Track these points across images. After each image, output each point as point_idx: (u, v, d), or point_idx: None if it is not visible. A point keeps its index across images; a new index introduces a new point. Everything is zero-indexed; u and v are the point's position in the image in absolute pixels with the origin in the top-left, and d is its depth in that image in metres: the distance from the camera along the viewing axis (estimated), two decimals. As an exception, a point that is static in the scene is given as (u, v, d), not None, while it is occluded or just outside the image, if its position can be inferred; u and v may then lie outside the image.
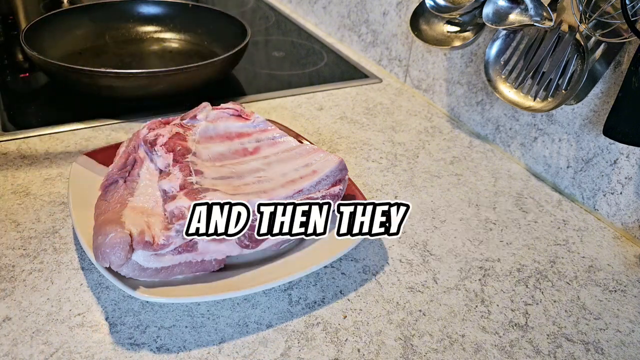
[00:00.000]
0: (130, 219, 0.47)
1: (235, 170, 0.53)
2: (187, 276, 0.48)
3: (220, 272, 0.49)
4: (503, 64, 0.70)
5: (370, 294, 0.52)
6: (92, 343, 0.45)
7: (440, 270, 0.56)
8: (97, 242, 0.45)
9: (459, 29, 0.75)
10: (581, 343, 0.49)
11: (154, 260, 0.46)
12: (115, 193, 0.52)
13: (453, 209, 0.65)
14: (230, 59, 0.81)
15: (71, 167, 0.58)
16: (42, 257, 0.53)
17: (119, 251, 0.44)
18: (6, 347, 0.44)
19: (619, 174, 0.62)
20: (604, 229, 0.64)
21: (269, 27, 1.16)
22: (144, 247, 0.45)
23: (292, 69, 0.96)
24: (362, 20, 1.01)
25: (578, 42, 0.61)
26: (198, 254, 0.48)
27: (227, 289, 0.47)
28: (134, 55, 0.92)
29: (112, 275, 0.46)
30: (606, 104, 0.62)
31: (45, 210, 0.58)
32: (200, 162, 0.53)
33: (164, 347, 0.45)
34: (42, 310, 0.47)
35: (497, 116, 0.77)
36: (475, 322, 0.50)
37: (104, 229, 0.45)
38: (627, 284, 0.56)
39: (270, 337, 0.47)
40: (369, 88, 0.92)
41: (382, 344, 0.47)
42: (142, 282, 0.46)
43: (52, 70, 0.75)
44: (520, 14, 0.65)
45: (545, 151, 0.71)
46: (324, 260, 0.50)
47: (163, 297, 0.45)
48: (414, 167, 0.72)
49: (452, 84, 0.84)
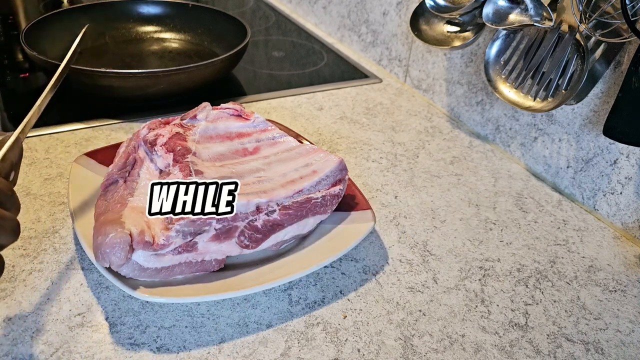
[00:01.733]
0: (130, 219, 0.47)
1: (235, 170, 0.53)
2: (187, 276, 0.48)
3: (220, 272, 0.49)
4: (503, 64, 0.70)
5: (370, 294, 0.52)
6: (92, 343, 0.45)
7: (440, 270, 0.56)
8: (97, 242, 0.45)
9: (459, 29, 0.75)
10: (581, 343, 0.49)
11: (154, 260, 0.46)
12: (115, 193, 0.52)
13: (453, 209, 0.65)
14: (230, 59, 0.81)
15: (71, 167, 0.58)
16: (42, 257, 0.53)
17: (119, 251, 0.44)
18: (6, 347, 0.44)
19: (619, 174, 0.62)
20: (604, 229, 0.64)
21: (269, 27, 1.16)
22: (144, 247, 0.45)
23: (292, 69, 0.96)
24: (362, 20, 1.01)
25: (578, 42, 0.61)
26: (198, 254, 0.48)
27: (227, 289, 0.47)
28: (134, 55, 0.92)
29: (112, 275, 0.46)
30: (606, 104, 0.62)
31: (45, 210, 0.58)
32: (200, 162, 0.53)
33: (164, 347, 0.45)
34: (42, 310, 0.47)
35: (497, 116, 0.77)
36: (475, 322, 0.50)
37: (104, 229, 0.45)
38: (627, 284, 0.56)
39: (270, 337, 0.47)
40: (369, 88, 0.92)
41: (382, 344, 0.47)
42: (142, 282, 0.46)
43: (52, 70, 0.75)
44: (520, 14, 0.65)
45: (545, 151, 0.71)
46: (324, 260, 0.50)
47: (163, 297, 0.45)
48: (414, 167, 0.72)
49: (452, 84, 0.84)
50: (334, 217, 0.56)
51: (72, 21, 0.91)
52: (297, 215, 0.52)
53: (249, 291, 0.47)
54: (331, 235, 0.54)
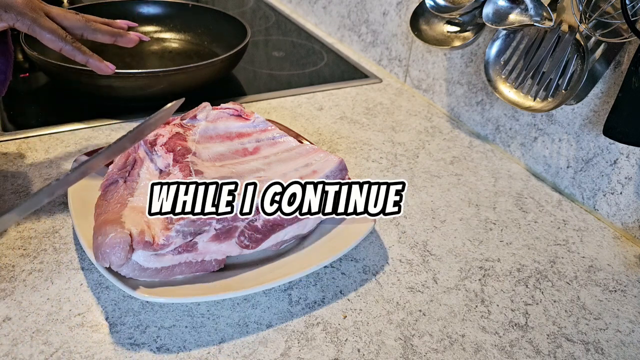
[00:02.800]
0: (130, 219, 0.47)
1: (236, 170, 0.53)
2: (187, 276, 0.48)
3: (220, 272, 0.49)
4: (503, 64, 0.70)
5: (370, 294, 0.52)
6: (92, 343, 0.45)
7: (440, 270, 0.56)
8: (97, 242, 0.45)
9: (459, 29, 0.75)
10: (581, 343, 0.49)
11: (154, 260, 0.46)
12: (115, 193, 0.52)
13: (453, 209, 0.65)
14: (230, 59, 0.81)
15: (71, 167, 0.58)
16: (42, 257, 0.53)
17: (119, 251, 0.44)
18: (6, 347, 0.44)
19: (619, 174, 0.62)
20: (604, 229, 0.64)
21: (269, 27, 1.16)
22: (144, 247, 0.45)
23: (292, 69, 0.96)
24: (362, 20, 1.01)
25: (578, 42, 0.61)
26: (198, 254, 0.48)
27: (227, 289, 0.47)
28: (134, 55, 0.92)
29: (112, 275, 0.46)
30: (606, 104, 0.62)
31: (45, 210, 0.58)
32: (200, 162, 0.53)
33: (164, 347, 0.45)
34: (42, 310, 0.47)
35: (497, 116, 0.77)
36: (475, 322, 0.50)
37: (104, 229, 0.45)
38: (627, 284, 0.56)
39: (270, 337, 0.47)
40: (369, 88, 0.92)
41: (382, 344, 0.47)
42: (142, 282, 0.46)
43: (52, 70, 0.75)
44: (520, 14, 0.65)
45: (545, 151, 0.71)
46: (324, 260, 0.50)
47: (163, 297, 0.45)
48: (414, 167, 0.72)
49: (452, 84, 0.84)
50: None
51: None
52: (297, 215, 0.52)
53: (249, 291, 0.47)
54: (331, 235, 0.54)
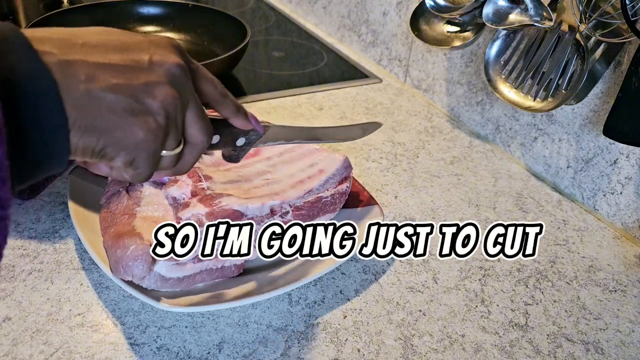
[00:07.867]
0: (146, 230, 0.46)
1: (242, 174, 0.54)
2: (207, 283, 0.48)
3: (238, 277, 0.49)
4: (503, 64, 0.70)
5: (370, 294, 0.52)
6: (92, 343, 0.45)
7: (440, 270, 0.56)
8: (116, 256, 0.44)
9: (459, 29, 0.75)
10: (581, 343, 0.49)
11: (175, 270, 0.46)
12: (119, 204, 0.51)
13: (453, 209, 0.65)
14: (230, 59, 0.81)
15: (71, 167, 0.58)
16: (42, 257, 0.53)
17: (142, 263, 0.43)
18: (6, 347, 0.44)
19: (619, 174, 0.62)
20: (604, 229, 0.64)
21: (269, 27, 1.16)
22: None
23: (292, 69, 0.96)
24: (362, 20, 1.01)
25: (578, 42, 0.61)
26: (218, 260, 0.48)
27: (249, 294, 0.47)
28: (134, 55, 0.92)
29: (134, 289, 0.45)
30: (606, 104, 0.62)
31: (45, 210, 0.58)
32: (204, 167, 0.53)
33: (164, 347, 0.45)
34: (42, 310, 0.47)
35: (497, 116, 0.77)
36: (475, 322, 0.50)
37: (122, 242, 0.44)
38: (627, 284, 0.56)
39: (270, 337, 0.47)
40: (369, 88, 0.92)
41: (382, 344, 0.47)
42: (164, 293, 0.46)
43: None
44: (520, 14, 0.65)
45: (545, 151, 0.71)
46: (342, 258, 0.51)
47: (184, 306, 0.45)
48: (414, 167, 0.72)
49: (452, 84, 0.84)
50: (342, 214, 0.56)
51: (72, 21, 0.91)
52: (309, 215, 0.52)
53: (273, 294, 0.47)
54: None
